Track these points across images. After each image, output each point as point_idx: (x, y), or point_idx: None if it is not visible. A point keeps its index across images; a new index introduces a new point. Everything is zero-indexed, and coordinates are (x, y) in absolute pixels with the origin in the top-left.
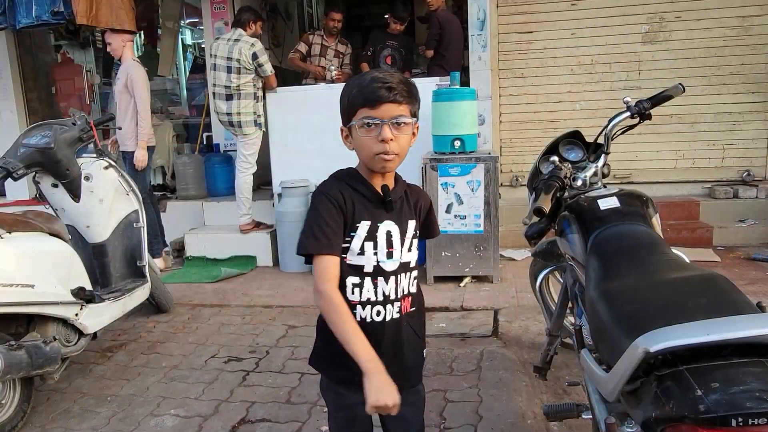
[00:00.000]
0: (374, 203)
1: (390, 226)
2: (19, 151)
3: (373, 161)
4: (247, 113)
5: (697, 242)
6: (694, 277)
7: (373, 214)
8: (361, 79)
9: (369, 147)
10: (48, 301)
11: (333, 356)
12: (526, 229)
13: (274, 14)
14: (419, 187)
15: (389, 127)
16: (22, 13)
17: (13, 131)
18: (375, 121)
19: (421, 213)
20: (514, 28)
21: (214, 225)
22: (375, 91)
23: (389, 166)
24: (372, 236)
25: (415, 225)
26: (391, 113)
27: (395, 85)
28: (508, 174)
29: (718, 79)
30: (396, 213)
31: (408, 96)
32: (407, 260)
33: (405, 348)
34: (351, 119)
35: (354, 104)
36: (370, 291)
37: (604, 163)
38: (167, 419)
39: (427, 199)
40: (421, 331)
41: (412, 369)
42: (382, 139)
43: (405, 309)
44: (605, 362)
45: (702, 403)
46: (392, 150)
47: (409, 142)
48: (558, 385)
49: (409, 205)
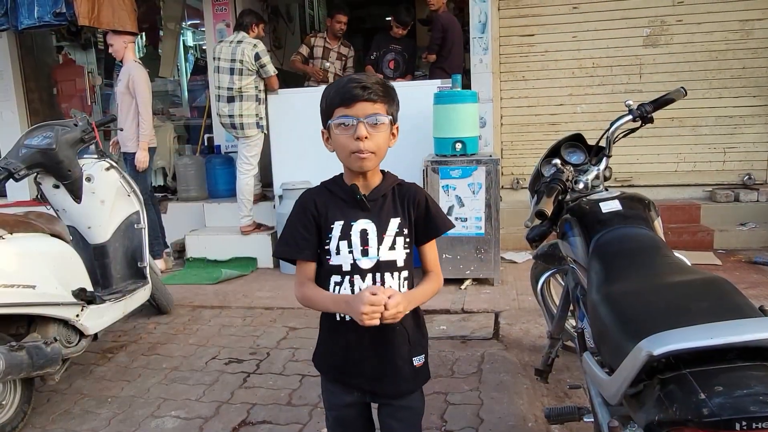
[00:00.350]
0: (349, 203)
1: (365, 224)
2: (20, 151)
3: (350, 160)
4: (249, 115)
5: (697, 246)
6: (696, 281)
7: (347, 214)
8: (339, 81)
9: (345, 146)
10: (49, 302)
11: (326, 354)
12: (527, 232)
13: (276, 16)
14: (414, 184)
15: (364, 125)
16: (24, 14)
17: (14, 132)
18: (350, 120)
19: (412, 209)
20: (516, 31)
21: (215, 226)
22: (350, 90)
23: (366, 165)
24: (346, 235)
25: (400, 223)
26: (365, 111)
27: (370, 84)
28: (509, 177)
29: (720, 82)
30: (375, 211)
31: (383, 96)
32: (389, 258)
33: (391, 352)
34: (329, 120)
35: (331, 105)
36: (347, 289)
37: (605, 166)
38: (168, 421)
39: (420, 195)
40: (417, 338)
41: (399, 376)
42: (357, 137)
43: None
44: (608, 365)
45: (706, 406)
46: (367, 148)
47: (387, 141)
48: (559, 388)
49: (395, 202)
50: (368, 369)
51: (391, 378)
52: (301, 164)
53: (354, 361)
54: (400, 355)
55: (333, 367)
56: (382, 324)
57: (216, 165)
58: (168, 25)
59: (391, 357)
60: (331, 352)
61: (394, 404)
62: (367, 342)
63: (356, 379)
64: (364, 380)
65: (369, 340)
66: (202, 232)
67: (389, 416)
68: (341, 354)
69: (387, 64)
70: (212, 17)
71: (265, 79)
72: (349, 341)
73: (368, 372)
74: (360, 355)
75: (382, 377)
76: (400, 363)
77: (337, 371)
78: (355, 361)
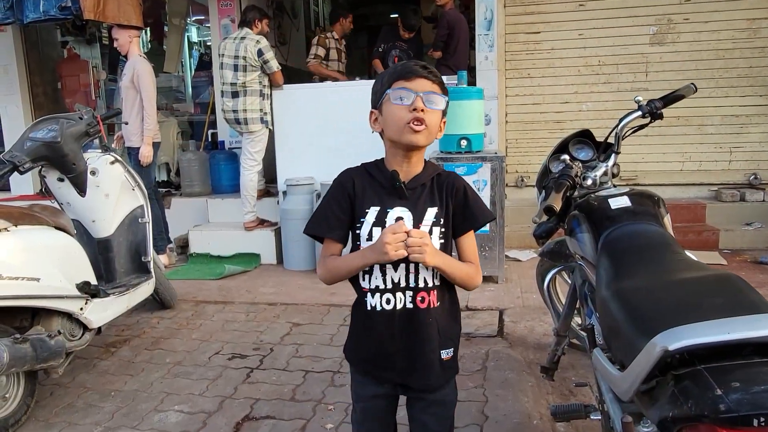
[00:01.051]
0: (387, 189)
1: (401, 212)
2: (25, 144)
3: (402, 132)
4: (253, 110)
5: (703, 245)
6: (708, 277)
7: (384, 200)
8: (397, 63)
9: (400, 117)
10: (53, 294)
11: (358, 347)
12: (534, 228)
13: (281, 12)
14: (454, 173)
15: (422, 99)
16: (29, 8)
17: (19, 126)
18: (409, 92)
19: (450, 199)
20: (522, 28)
21: (219, 222)
22: (410, 66)
23: (418, 139)
24: (380, 222)
25: (437, 213)
26: (424, 87)
27: (429, 66)
28: (513, 174)
29: (726, 81)
30: (412, 200)
31: (440, 81)
32: None
33: (421, 344)
34: (384, 93)
35: (389, 80)
36: (379, 278)
37: (614, 163)
38: (171, 415)
39: (459, 183)
40: (447, 332)
41: (429, 369)
42: (414, 109)
43: (430, 302)
44: (619, 362)
45: (722, 402)
46: (422, 117)
47: (438, 125)
48: (564, 386)
49: (433, 191)
50: (399, 362)
51: (421, 371)
52: (305, 160)
53: (385, 354)
54: (431, 347)
55: (364, 360)
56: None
57: (220, 161)
58: (173, 20)
59: (421, 349)
60: (362, 344)
61: (428, 399)
62: (397, 334)
63: (387, 373)
64: (395, 374)
65: (400, 331)
66: (206, 227)
67: (421, 411)
68: (373, 347)
69: (392, 59)
70: (217, 13)
71: (269, 74)
72: (380, 333)
73: (399, 365)
74: (391, 348)
75: (413, 370)
76: (431, 356)
77: (369, 364)
78: (387, 354)
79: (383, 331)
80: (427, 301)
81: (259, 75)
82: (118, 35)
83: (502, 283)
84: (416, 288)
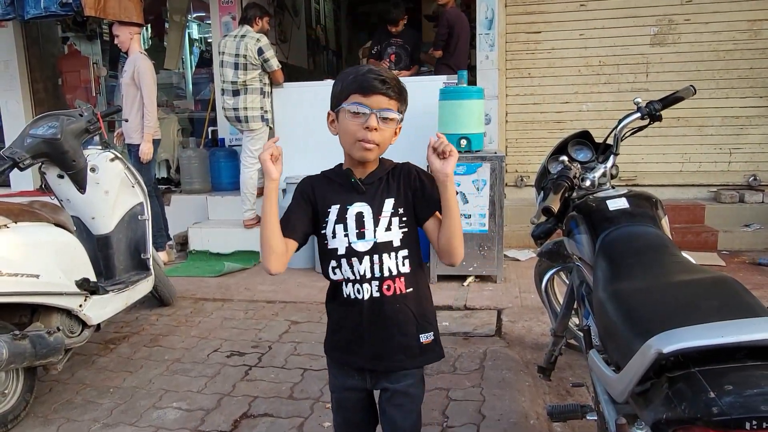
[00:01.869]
0: (345, 187)
1: (361, 207)
2: (25, 141)
3: (354, 147)
4: (254, 108)
5: (701, 246)
6: (705, 280)
7: (343, 198)
8: (358, 68)
9: (353, 132)
10: (52, 291)
11: (330, 337)
12: (533, 229)
13: (281, 10)
14: (407, 163)
15: (376, 117)
16: (30, 4)
17: (19, 122)
18: (364, 109)
19: (407, 187)
20: (522, 28)
21: (218, 219)
22: (370, 80)
23: (368, 155)
24: (341, 219)
25: (395, 203)
26: (380, 104)
27: (389, 80)
28: (513, 174)
29: (726, 82)
30: (370, 194)
31: (398, 94)
32: (386, 239)
33: (391, 329)
34: (341, 103)
35: (347, 89)
36: (347, 271)
37: (612, 164)
38: (169, 412)
39: (412, 170)
40: (424, 316)
41: (400, 352)
42: (366, 127)
43: (397, 289)
44: (614, 363)
45: (715, 405)
46: (374, 139)
47: (391, 138)
48: (561, 386)
49: (389, 183)
50: (368, 347)
51: (393, 355)
52: (306, 158)
53: (353, 340)
54: (403, 332)
55: (334, 348)
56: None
57: (220, 158)
58: (174, 17)
59: (391, 334)
60: (336, 333)
61: (391, 388)
62: (366, 322)
63: (355, 358)
64: (363, 359)
65: (369, 320)
66: (205, 224)
67: (387, 402)
68: (342, 334)
69: (388, 57)
70: (218, 10)
71: (269, 73)
72: (352, 320)
73: (368, 350)
74: (359, 335)
75: (382, 356)
76: (403, 340)
77: (338, 351)
78: (355, 341)
79: (355, 318)
80: (393, 289)
81: (260, 73)
82: (118, 32)
83: (501, 282)
84: (381, 277)
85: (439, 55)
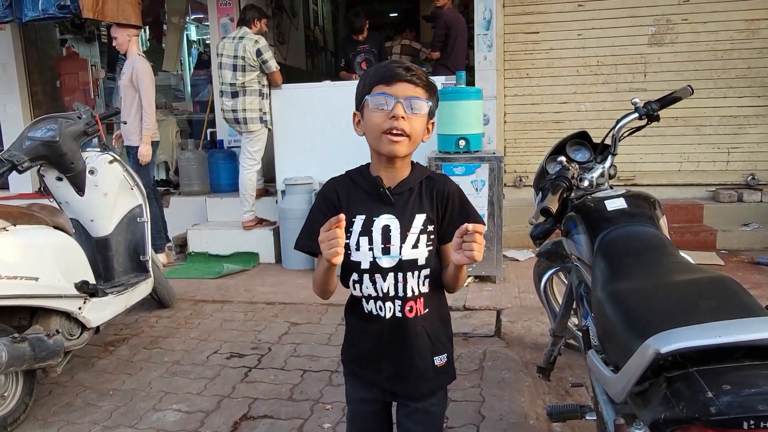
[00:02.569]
0: (372, 196)
1: (388, 220)
2: (24, 143)
3: (381, 141)
4: (252, 110)
5: (700, 245)
6: (702, 280)
7: (370, 208)
8: (380, 63)
9: (378, 124)
10: (52, 294)
11: (347, 348)
12: (531, 229)
13: (280, 11)
14: (444, 176)
15: (402, 106)
16: (28, 7)
17: (18, 124)
18: (389, 98)
19: (440, 205)
20: (521, 28)
21: (217, 221)
22: (392, 69)
23: (397, 149)
24: (367, 231)
25: (425, 220)
26: (406, 92)
27: (414, 68)
28: (511, 174)
29: (724, 82)
30: (399, 206)
31: (426, 83)
32: (412, 257)
33: (410, 352)
34: (364, 97)
35: (370, 83)
36: (369, 288)
37: (611, 164)
38: (169, 414)
39: (451, 188)
40: (438, 337)
41: (420, 377)
42: (393, 116)
43: (417, 311)
44: (613, 363)
45: (713, 405)
46: (402, 127)
47: (423, 130)
48: (561, 386)
49: (421, 197)
50: (387, 368)
51: (411, 379)
52: (305, 159)
53: (372, 358)
54: (421, 355)
55: (351, 361)
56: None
57: (218, 159)
58: (172, 18)
59: (410, 357)
60: (354, 346)
61: (412, 406)
62: (386, 341)
63: (373, 377)
64: (382, 379)
65: (389, 339)
66: (204, 226)
67: (406, 417)
68: (364, 349)
69: (359, 65)
70: (216, 11)
71: (268, 74)
72: (372, 336)
73: (386, 371)
74: (378, 354)
75: (401, 378)
76: (421, 364)
77: (355, 366)
78: (373, 359)
79: (375, 335)
80: (414, 310)
81: (258, 75)
82: (117, 34)
83: (500, 282)
84: (404, 297)
85: (437, 56)
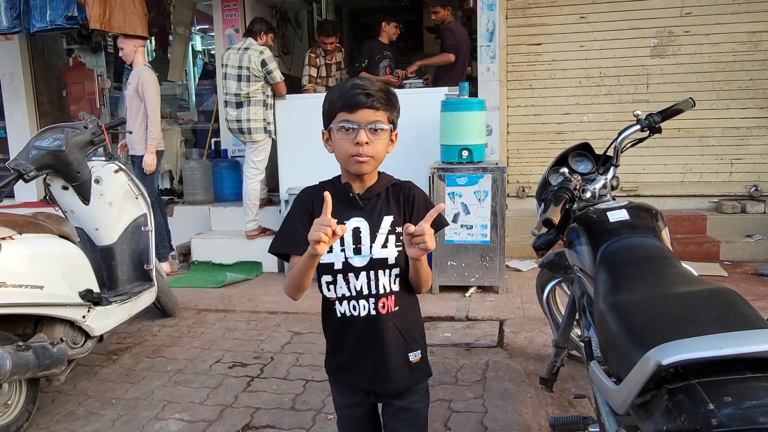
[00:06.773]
0: (343, 202)
1: (358, 222)
2: (30, 153)
3: (348, 163)
4: (256, 120)
5: (703, 257)
6: (704, 291)
7: (341, 212)
8: (343, 85)
9: (345, 149)
10: (56, 302)
11: (330, 357)
12: (534, 240)
13: (284, 22)
14: (408, 182)
15: (365, 132)
16: (36, 18)
17: (24, 134)
18: (352, 125)
19: (406, 207)
20: (523, 39)
21: (221, 230)
22: (354, 96)
23: (364, 168)
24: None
25: (393, 221)
26: (367, 118)
27: (374, 92)
28: (514, 185)
29: (727, 93)
30: (368, 209)
31: (386, 103)
32: (382, 256)
33: (386, 349)
34: (331, 122)
35: (334, 108)
36: (343, 287)
37: (613, 176)
38: (171, 423)
39: (414, 191)
40: (411, 334)
41: (395, 373)
42: (357, 142)
43: (388, 308)
44: (615, 375)
45: (714, 416)
46: (366, 152)
47: (386, 147)
48: (564, 398)
49: (388, 200)
50: (366, 368)
51: (389, 376)
52: (308, 169)
53: (352, 361)
54: (395, 352)
55: (334, 369)
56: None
57: (222, 169)
58: (177, 29)
59: (384, 354)
60: (332, 354)
61: (395, 405)
62: (364, 340)
63: (357, 379)
64: (364, 380)
65: (366, 338)
66: (208, 235)
67: (391, 417)
68: (345, 353)
69: (383, 69)
70: (221, 22)
71: (272, 85)
72: (351, 339)
73: (366, 372)
74: (357, 356)
75: (380, 377)
76: (396, 360)
77: (340, 372)
78: (353, 362)
79: (354, 338)
80: (387, 307)
81: (263, 85)
82: (123, 45)
83: (503, 293)
84: (377, 294)
85: (452, 58)
